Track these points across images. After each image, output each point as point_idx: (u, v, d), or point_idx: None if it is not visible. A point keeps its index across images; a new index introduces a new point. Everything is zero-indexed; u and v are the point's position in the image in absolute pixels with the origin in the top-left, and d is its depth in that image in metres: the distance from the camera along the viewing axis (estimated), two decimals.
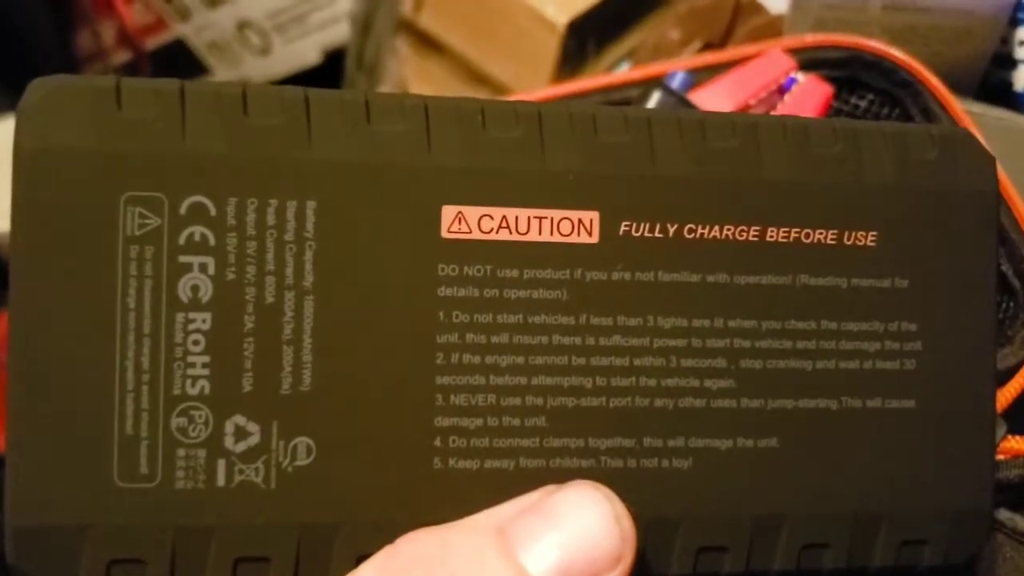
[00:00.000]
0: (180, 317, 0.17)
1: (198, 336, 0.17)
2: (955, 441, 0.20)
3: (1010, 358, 0.27)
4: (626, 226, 0.19)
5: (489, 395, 0.18)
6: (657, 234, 0.19)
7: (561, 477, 0.19)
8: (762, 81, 0.32)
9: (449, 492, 0.18)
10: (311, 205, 0.18)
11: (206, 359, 0.17)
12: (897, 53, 0.32)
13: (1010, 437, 0.26)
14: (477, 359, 0.18)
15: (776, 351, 0.20)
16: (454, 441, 0.18)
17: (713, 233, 0.19)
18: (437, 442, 0.18)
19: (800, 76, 0.32)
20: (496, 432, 0.18)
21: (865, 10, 0.36)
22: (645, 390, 0.19)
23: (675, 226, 0.19)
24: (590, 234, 0.19)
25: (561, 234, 0.19)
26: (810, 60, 0.33)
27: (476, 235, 0.18)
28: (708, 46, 0.40)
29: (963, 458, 0.20)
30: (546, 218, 0.19)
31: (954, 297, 0.20)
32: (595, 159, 0.19)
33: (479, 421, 0.18)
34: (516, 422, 0.19)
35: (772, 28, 0.38)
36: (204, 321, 0.17)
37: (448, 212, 0.18)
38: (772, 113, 0.32)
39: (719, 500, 0.19)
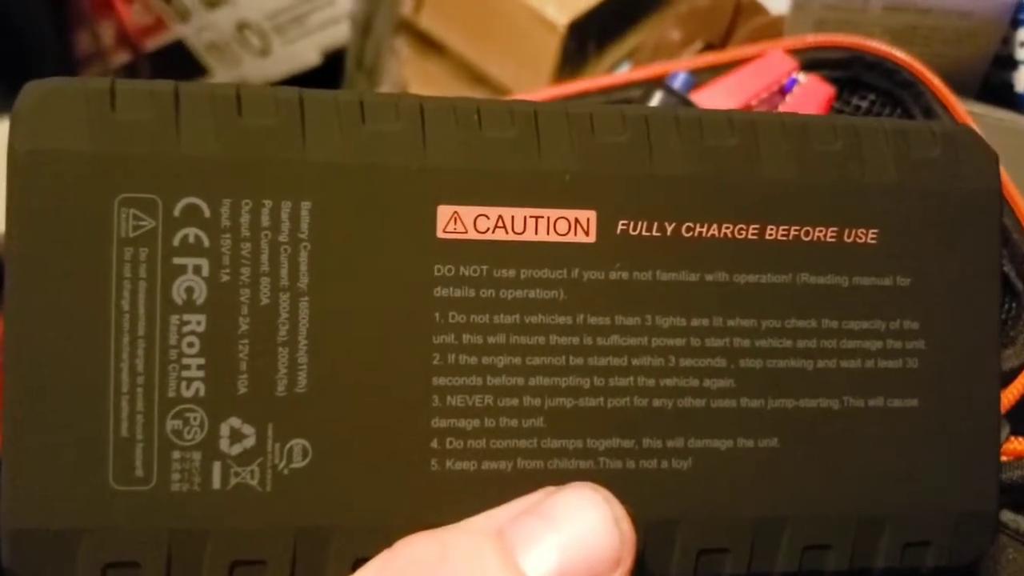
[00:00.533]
0: (175, 319, 0.17)
1: (193, 338, 0.17)
2: (959, 441, 0.20)
3: (1013, 359, 0.27)
4: (623, 225, 0.19)
5: (486, 396, 0.18)
6: (655, 233, 0.19)
7: (559, 478, 0.18)
8: (764, 82, 0.32)
9: (447, 494, 0.18)
10: (306, 206, 0.18)
11: (201, 361, 0.17)
12: (899, 54, 0.32)
13: (1013, 438, 0.26)
14: (474, 360, 0.18)
15: (776, 350, 0.19)
16: (451, 442, 0.18)
17: (712, 232, 0.19)
18: (434, 444, 0.18)
19: (801, 77, 0.32)
20: (493, 433, 0.18)
21: (866, 11, 0.36)
22: (644, 390, 0.19)
23: (673, 225, 0.19)
24: (587, 233, 0.19)
25: (558, 233, 0.19)
26: (811, 61, 0.33)
27: (472, 235, 0.18)
28: (709, 47, 0.40)
29: (967, 459, 0.20)
30: (543, 218, 0.19)
31: (957, 295, 0.20)
32: (592, 158, 0.19)
33: (476, 422, 0.18)
34: (514, 423, 0.18)
35: (773, 28, 0.38)
36: (199, 323, 0.17)
37: (444, 212, 0.18)
38: None
39: (719, 501, 0.19)
